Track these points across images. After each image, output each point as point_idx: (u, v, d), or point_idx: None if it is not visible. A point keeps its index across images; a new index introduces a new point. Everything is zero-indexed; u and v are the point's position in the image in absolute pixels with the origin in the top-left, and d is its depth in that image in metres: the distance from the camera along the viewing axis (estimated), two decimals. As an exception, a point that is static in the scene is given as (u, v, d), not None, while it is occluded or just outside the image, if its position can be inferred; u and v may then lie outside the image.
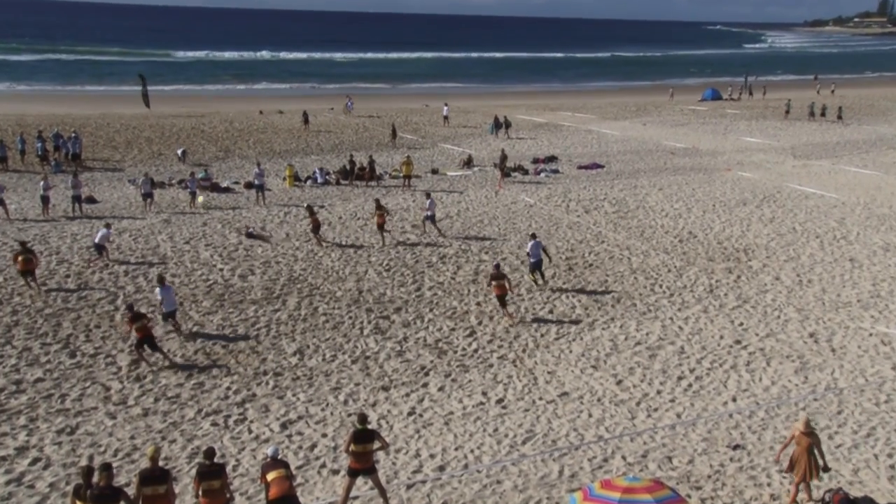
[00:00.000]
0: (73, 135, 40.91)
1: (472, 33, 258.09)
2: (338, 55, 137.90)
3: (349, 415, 15.23)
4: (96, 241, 24.30)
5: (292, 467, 13.15)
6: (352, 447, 11.96)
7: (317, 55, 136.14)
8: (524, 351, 18.49)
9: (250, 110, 62.05)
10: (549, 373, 17.33)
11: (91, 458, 13.54)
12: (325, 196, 34.50)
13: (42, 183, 29.90)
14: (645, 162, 43.92)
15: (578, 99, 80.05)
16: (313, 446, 14.21)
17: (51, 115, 54.84)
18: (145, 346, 17.23)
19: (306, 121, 53.30)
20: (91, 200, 31.68)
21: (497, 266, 20.52)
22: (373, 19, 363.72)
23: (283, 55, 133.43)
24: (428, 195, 29.12)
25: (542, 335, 19.40)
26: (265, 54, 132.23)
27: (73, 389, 16.06)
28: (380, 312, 20.68)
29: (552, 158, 44.08)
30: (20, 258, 21.43)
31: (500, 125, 53.19)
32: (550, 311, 20.97)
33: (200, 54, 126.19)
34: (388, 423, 15.10)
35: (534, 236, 22.73)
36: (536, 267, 22.50)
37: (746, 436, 14.71)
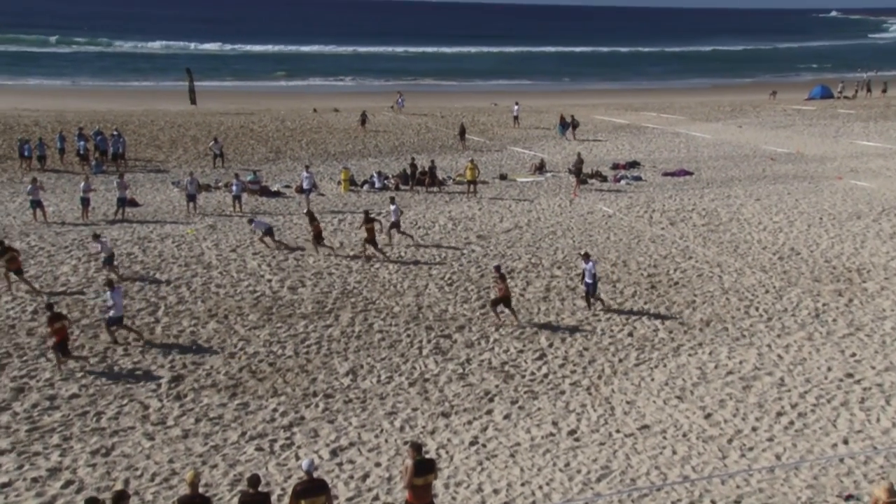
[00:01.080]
0: (114, 133, 42.29)
1: (550, 25, 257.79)
2: (398, 49, 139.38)
3: (405, 443, 15.28)
4: (104, 256, 24.04)
5: (342, 498, 13.26)
6: (414, 480, 11.88)
7: (376, 49, 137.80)
8: (600, 377, 18.30)
9: (303, 108, 63.20)
10: (627, 403, 17.09)
11: (127, 482, 13.88)
12: (383, 202, 34.80)
13: (82, 184, 30.96)
14: (740, 169, 43.13)
15: (665, 98, 79.29)
16: (365, 476, 14.30)
17: (91, 111, 56.84)
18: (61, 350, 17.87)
19: (364, 120, 53.97)
20: (133, 204, 32.63)
21: (497, 268, 21.46)
22: (435, 9, 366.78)
23: (340, 49, 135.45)
24: (392, 200, 29.08)
25: (620, 360, 19.17)
26: (319, 48, 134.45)
27: (109, 407, 16.51)
28: (441, 331, 20.75)
29: (634, 164, 43.67)
30: (4, 257, 22.53)
31: (567, 125, 53.07)
32: (630, 334, 20.72)
33: (250, 48, 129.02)
34: (447, 452, 15.10)
35: (587, 256, 22.17)
36: (593, 290, 22.13)
37: (862, 485, 14.18)
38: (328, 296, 23.13)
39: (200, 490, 12.01)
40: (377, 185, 37.54)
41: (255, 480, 11.33)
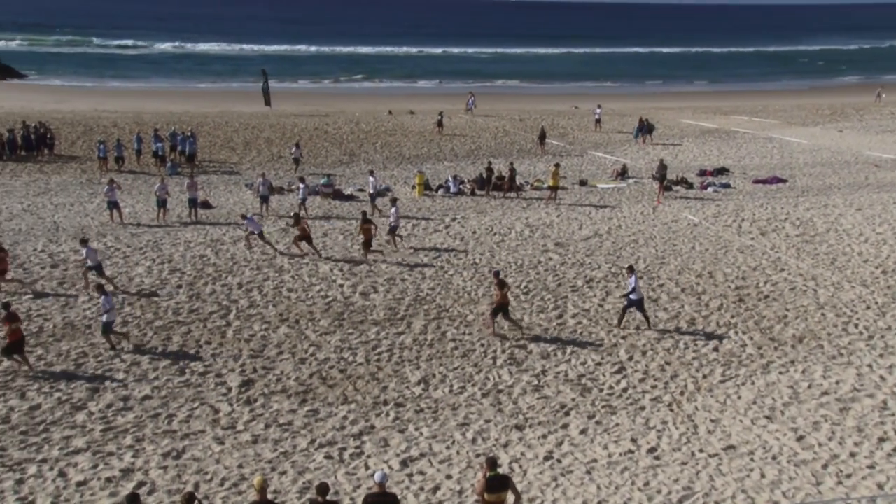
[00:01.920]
0: (188, 134, 43.54)
1: (638, 25, 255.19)
2: (475, 50, 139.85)
3: (477, 455, 15.34)
4: (91, 263, 23.69)
5: (412, 510, 13.40)
6: (486, 496, 11.95)
7: (453, 49, 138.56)
8: (682, 393, 18.04)
9: (378, 110, 63.95)
10: (712, 421, 16.82)
11: (196, 485, 14.28)
12: (458, 207, 35.01)
13: (158, 185, 31.96)
14: (840, 176, 42.00)
15: (758, 100, 77.72)
16: (436, 489, 14.40)
17: (168, 112, 58.58)
18: (13, 351, 18.31)
19: (440, 123, 54.34)
20: (206, 205, 33.51)
21: (497, 274, 21.43)
22: (516, 9, 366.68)
23: (415, 50, 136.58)
24: (393, 202, 29.19)
25: (704, 376, 18.87)
26: (394, 49, 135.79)
27: (180, 410, 17.00)
28: (516, 341, 20.75)
29: (722, 170, 42.94)
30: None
31: (643, 128, 52.57)
32: (715, 349, 20.37)
33: (325, 49, 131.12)
34: (521, 467, 15.10)
35: (632, 270, 21.67)
36: (637, 306, 21.45)
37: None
38: (401, 302, 23.35)
39: (269, 496, 12.29)
40: (452, 189, 37.71)
41: (324, 489, 11.53)
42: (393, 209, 28.47)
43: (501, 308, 20.76)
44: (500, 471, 12.35)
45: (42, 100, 64.04)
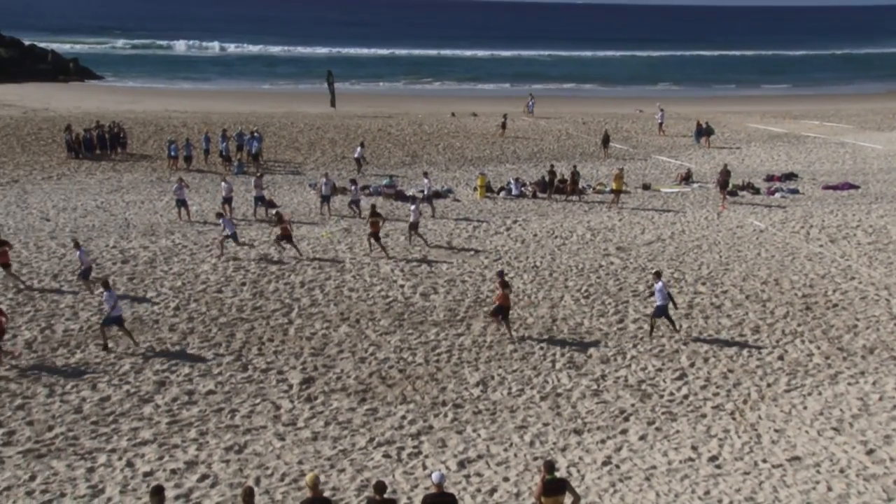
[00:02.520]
0: (255, 134, 44.30)
1: (704, 27, 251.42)
2: (539, 52, 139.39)
3: (535, 458, 15.29)
4: (81, 268, 23.73)
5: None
6: (543, 499, 11.93)
7: (517, 52, 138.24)
8: (745, 402, 17.73)
9: (441, 112, 64.12)
10: (776, 431, 16.48)
11: (257, 480, 14.50)
12: (520, 210, 34.93)
13: (224, 184, 32.56)
14: (914, 183, 40.83)
15: (830, 104, 75.94)
16: (493, 490, 14.39)
17: (235, 112, 59.59)
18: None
19: (504, 125, 54.31)
20: (271, 205, 33.99)
21: (501, 273, 21.71)
22: (580, 11, 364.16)
23: (480, 53, 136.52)
24: (413, 200, 29.62)
25: (768, 385, 18.50)
26: (458, 52, 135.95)
27: (243, 405, 17.29)
28: (574, 345, 20.63)
29: (791, 176, 42.05)
30: None
31: (702, 132, 51.81)
32: (780, 358, 19.96)
33: (388, 51, 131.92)
34: (579, 471, 15.00)
35: (658, 275, 21.39)
36: (662, 312, 21.04)
37: None
38: (460, 304, 23.39)
39: (328, 494, 12.41)
40: (514, 191, 37.66)
41: (381, 487, 11.61)
42: (413, 206, 28.86)
43: (503, 309, 20.88)
44: (557, 474, 12.29)
45: (117, 100, 65.72)
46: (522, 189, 38.01)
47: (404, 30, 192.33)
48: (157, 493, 11.55)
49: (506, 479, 14.72)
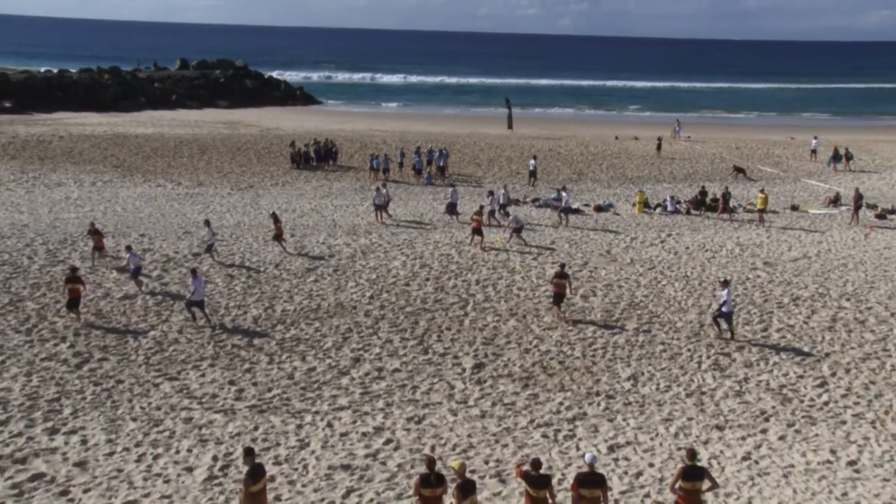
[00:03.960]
0: (442, 151, 45.35)
1: (859, 63, 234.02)
2: (687, 84, 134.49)
3: (678, 448, 14.73)
4: (132, 269, 23.04)
5: (615, 491, 13.13)
6: (680, 483, 11.54)
7: (675, 84, 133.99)
8: (887, 413, 16.34)
9: (606, 135, 62.96)
10: (916, 443, 15.10)
11: (433, 448, 14.77)
12: (674, 225, 33.78)
13: (375, 194, 33.49)
14: None
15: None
16: (639, 474, 13.99)
17: (427, 132, 60.98)
18: None
19: (659, 147, 52.92)
20: (453, 211, 34.47)
21: (562, 266, 21.84)
22: (735, 46, 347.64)
23: (637, 84, 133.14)
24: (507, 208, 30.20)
25: (911, 399, 16.98)
26: (620, 83, 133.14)
27: (423, 383, 17.65)
28: (720, 349, 19.72)
29: (942, 200, 38.39)
30: (68, 286, 20.38)
31: (839, 157, 48.22)
32: (925, 374, 18.28)
33: (555, 82, 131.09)
34: (719, 464, 14.33)
35: (726, 283, 20.18)
36: (727, 318, 20.06)
37: None
38: (616, 306, 22.88)
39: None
40: (670, 208, 36.48)
41: (537, 463, 11.52)
42: (511, 216, 30.33)
43: (557, 297, 21.31)
44: (697, 463, 11.80)
45: (332, 121, 68.84)
46: (677, 206, 36.75)
47: (574, 63, 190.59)
48: (249, 453, 11.60)
49: (651, 465, 14.27)
